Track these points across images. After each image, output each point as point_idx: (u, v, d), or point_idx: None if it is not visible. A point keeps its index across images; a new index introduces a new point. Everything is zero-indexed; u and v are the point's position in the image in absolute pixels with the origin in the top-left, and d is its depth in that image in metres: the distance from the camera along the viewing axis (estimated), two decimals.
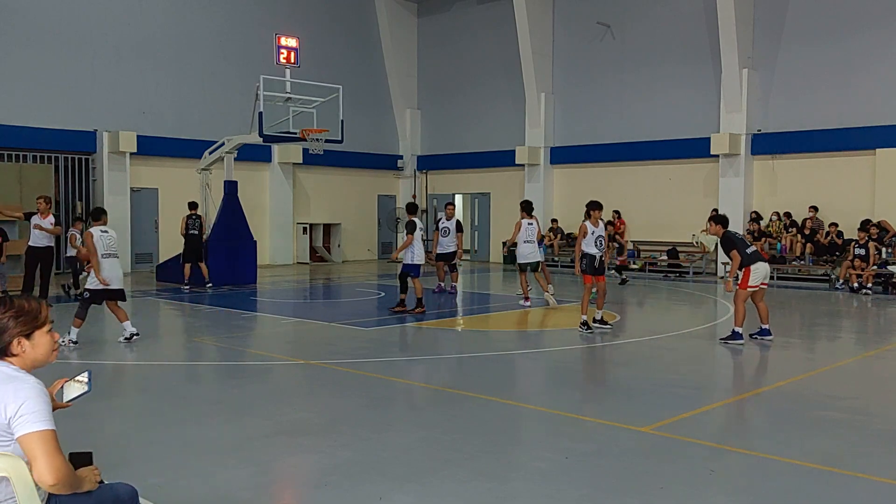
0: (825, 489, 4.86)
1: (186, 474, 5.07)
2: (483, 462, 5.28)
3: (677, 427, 6.16)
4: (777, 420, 6.48)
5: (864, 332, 12.39)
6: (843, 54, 18.35)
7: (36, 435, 2.64)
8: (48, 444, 2.65)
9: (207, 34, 22.10)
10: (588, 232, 10.92)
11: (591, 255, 10.88)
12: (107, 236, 9.67)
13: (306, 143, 16.81)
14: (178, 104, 21.40)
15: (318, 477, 5.03)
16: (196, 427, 6.17)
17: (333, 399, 7.37)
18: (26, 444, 2.65)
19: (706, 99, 20.37)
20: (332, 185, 25.45)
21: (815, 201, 18.64)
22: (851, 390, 7.75)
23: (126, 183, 20.29)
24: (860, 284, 16.25)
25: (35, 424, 2.65)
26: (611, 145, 22.23)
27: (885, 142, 17.64)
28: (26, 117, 18.68)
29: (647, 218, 21.64)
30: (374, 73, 26.60)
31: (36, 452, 2.64)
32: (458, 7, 26.42)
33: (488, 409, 6.89)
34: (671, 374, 8.36)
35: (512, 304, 14.24)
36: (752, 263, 9.77)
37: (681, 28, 20.90)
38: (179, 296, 15.27)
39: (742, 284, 9.77)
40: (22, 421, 2.65)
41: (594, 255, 10.89)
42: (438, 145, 27.06)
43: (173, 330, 12.28)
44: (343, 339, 10.80)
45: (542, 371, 8.96)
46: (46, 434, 2.66)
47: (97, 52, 20.09)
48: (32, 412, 2.66)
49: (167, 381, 8.11)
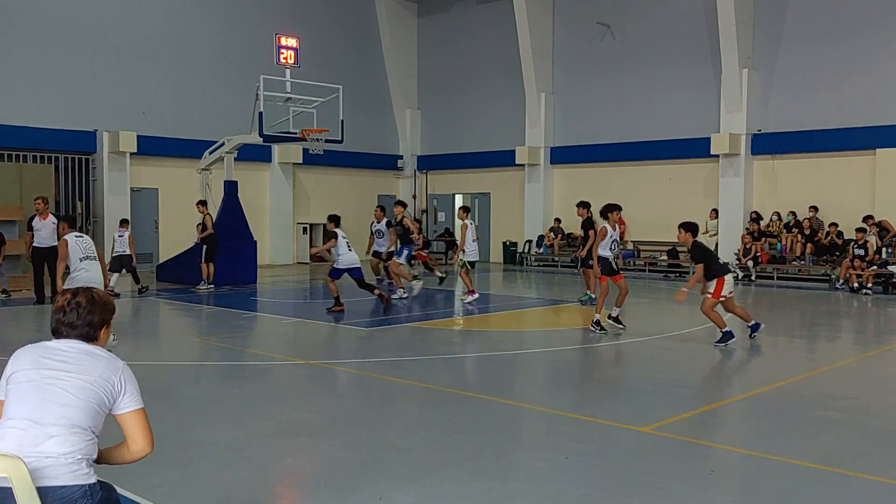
0: (825, 489, 4.86)
1: (186, 474, 5.07)
2: (483, 462, 5.28)
3: (677, 427, 6.16)
4: (777, 420, 6.48)
5: (864, 332, 12.39)
6: (843, 54, 18.35)
7: (140, 412, 3.04)
8: (146, 420, 3.07)
9: (207, 34, 22.09)
10: (608, 234, 10.93)
11: (605, 258, 10.92)
12: (82, 241, 9.75)
13: (306, 143, 16.82)
14: (178, 104, 21.39)
15: (318, 477, 5.03)
16: (196, 427, 6.17)
17: (333, 399, 7.37)
18: (130, 420, 3.01)
19: (706, 99, 20.37)
20: (332, 185, 25.44)
21: (816, 201, 18.64)
22: (851, 390, 7.75)
23: (126, 183, 20.28)
24: (860, 284, 16.25)
25: (138, 403, 3.04)
26: (611, 145, 22.22)
27: (885, 142, 17.64)
28: (26, 117, 18.68)
29: (647, 218, 21.63)
30: (374, 73, 26.59)
31: (139, 427, 3.03)
32: (458, 7, 26.42)
33: (488, 409, 6.89)
34: (671, 374, 8.36)
35: (512, 304, 14.24)
36: (725, 274, 9.80)
37: (681, 28, 20.90)
38: (180, 296, 15.27)
39: (715, 294, 9.73)
40: (128, 399, 3.01)
41: (608, 257, 10.94)
42: (438, 145, 27.06)
43: (173, 330, 12.28)
44: (343, 339, 10.81)
45: (543, 371, 8.96)
46: (144, 412, 3.07)
47: (97, 52, 20.08)
48: (135, 391, 3.05)
49: (167, 381, 8.10)
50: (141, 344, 10.86)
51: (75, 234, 9.80)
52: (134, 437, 3.03)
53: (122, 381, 3.00)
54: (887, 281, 16.22)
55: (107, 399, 2.95)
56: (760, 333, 10.13)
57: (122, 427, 3.03)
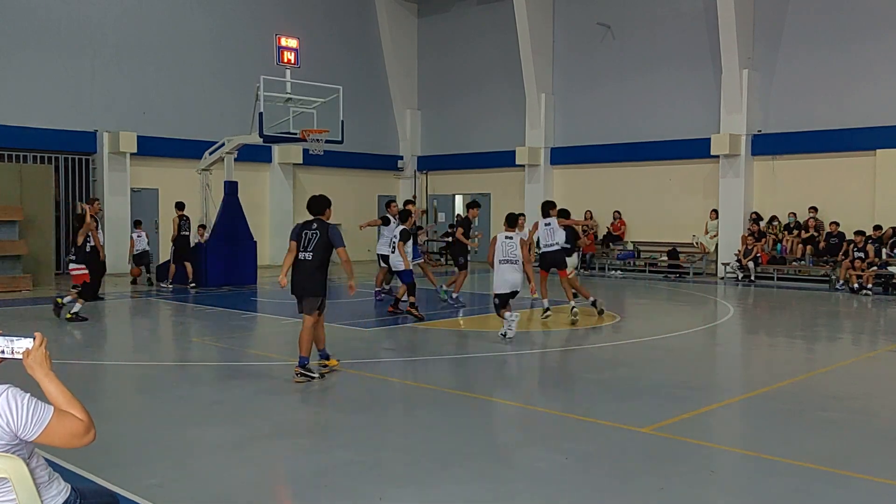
0: (825, 489, 4.86)
1: (186, 474, 5.07)
2: (483, 462, 5.28)
3: (677, 427, 6.16)
4: (777, 420, 6.48)
5: (864, 332, 12.39)
6: (843, 55, 18.34)
7: (52, 423, 2.70)
8: (66, 421, 2.72)
9: (207, 34, 22.09)
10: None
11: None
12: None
13: (306, 143, 16.81)
14: (178, 104, 21.39)
15: (318, 477, 5.03)
16: (196, 427, 6.16)
17: (333, 399, 7.37)
18: (48, 437, 2.70)
19: (706, 99, 20.36)
20: (332, 185, 25.34)
21: (816, 202, 18.62)
22: (851, 390, 7.75)
23: (126, 183, 20.28)
24: (860, 285, 16.24)
25: (45, 416, 2.69)
26: (611, 146, 22.21)
27: (885, 142, 17.61)
28: (26, 117, 18.67)
29: (647, 218, 21.62)
30: (374, 74, 26.59)
31: (61, 435, 2.72)
32: (458, 8, 26.41)
33: (488, 409, 6.89)
34: (671, 375, 8.36)
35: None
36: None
37: (681, 28, 20.89)
38: (181, 296, 15.27)
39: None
40: (32, 420, 2.68)
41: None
42: (438, 146, 27.05)
43: (173, 330, 12.28)
44: (343, 339, 10.80)
45: (542, 371, 8.96)
46: (57, 417, 2.71)
47: (97, 52, 20.08)
48: (33, 407, 2.69)
49: (167, 381, 8.10)
50: (141, 344, 10.86)
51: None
52: (64, 444, 2.75)
53: (9, 410, 2.64)
54: (887, 281, 16.22)
55: (6, 436, 2.65)
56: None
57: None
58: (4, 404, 2.64)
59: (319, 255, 7.77)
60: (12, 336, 2.76)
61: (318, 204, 8.09)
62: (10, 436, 2.66)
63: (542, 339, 11.15)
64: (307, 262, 7.76)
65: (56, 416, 2.70)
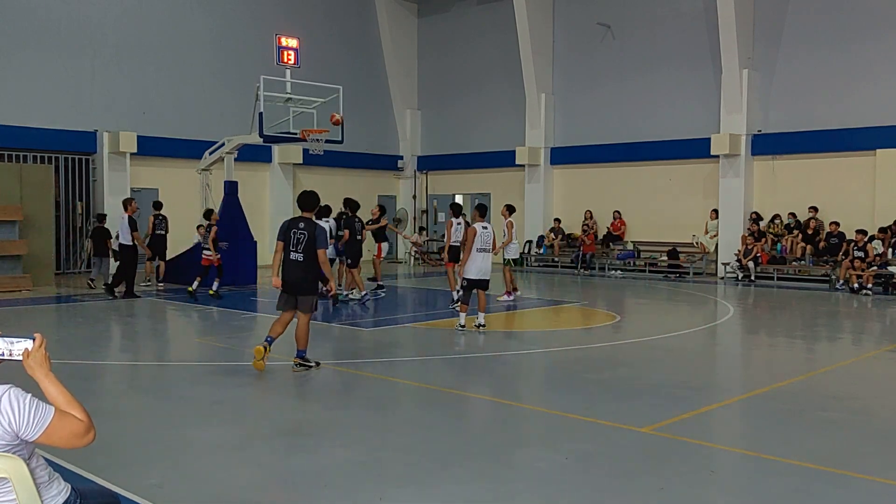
0: (825, 489, 4.86)
1: (186, 474, 5.07)
2: (483, 462, 5.28)
3: (677, 427, 6.16)
4: (777, 420, 6.48)
5: (864, 332, 12.38)
6: (843, 54, 18.34)
7: (53, 423, 2.70)
8: (66, 422, 2.72)
9: (207, 34, 22.08)
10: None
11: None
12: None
13: (306, 143, 16.80)
14: (178, 104, 21.38)
15: (318, 477, 5.03)
16: (196, 427, 6.17)
17: (333, 399, 7.37)
18: (49, 437, 2.71)
19: (706, 99, 20.36)
20: (333, 185, 25.33)
21: (816, 202, 18.62)
22: (851, 390, 7.75)
23: (126, 183, 20.25)
24: (860, 285, 16.25)
25: (46, 416, 2.70)
26: (611, 146, 22.21)
27: (885, 142, 17.61)
28: (26, 117, 18.67)
29: (647, 218, 21.62)
30: (374, 74, 26.59)
31: (62, 436, 2.72)
32: (458, 8, 26.41)
33: (488, 409, 6.89)
34: (671, 374, 8.36)
35: (512, 304, 14.23)
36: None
37: (681, 28, 20.89)
38: (181, 296, 15.26)
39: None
40: (34, 421, 2.69)
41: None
42: (438, 146, 27.04)
43: (174, 330, 12.28)
44: (343, 339, 10.80)
45: (542, 371, 8.96)
46: (58, 418, 2.71)
47: (97, 52, 20.08)
48: (34, 407, 2.70)
49: (167, 381, 8.10)
50: (141, 344, 10.86)
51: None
52: (65, 444, 2.76)
53: (11, 410, 2.64)
54: (887, 281, 16.22)
55: (7, 436, 2.66)
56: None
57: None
58: (6, 404, 2.65)
59: (310, 255, 7.91)
60: (12, 337, 2.76)
61: (308, 201, 8.28)
62: (12, 436, 2.66)
63: (542, 338, 11.15)
64: (299, 262, 7.94)
65: (57, 416, 2.71)
